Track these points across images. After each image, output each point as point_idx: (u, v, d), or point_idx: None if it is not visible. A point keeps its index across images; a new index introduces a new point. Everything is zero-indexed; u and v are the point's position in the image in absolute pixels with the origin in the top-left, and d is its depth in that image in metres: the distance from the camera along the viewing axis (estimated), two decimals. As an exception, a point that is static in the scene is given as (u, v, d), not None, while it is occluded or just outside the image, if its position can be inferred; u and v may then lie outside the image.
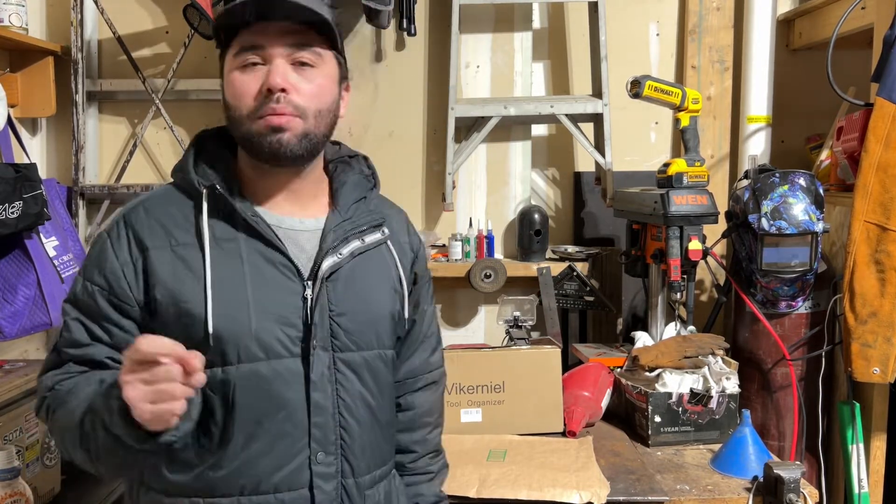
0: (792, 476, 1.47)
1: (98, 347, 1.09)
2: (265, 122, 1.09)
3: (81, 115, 2.33)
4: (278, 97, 1.08)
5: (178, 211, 1.13)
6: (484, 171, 2.47)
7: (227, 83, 1.13)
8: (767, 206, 1.89)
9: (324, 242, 1.15)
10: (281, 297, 1.10)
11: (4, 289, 1.91)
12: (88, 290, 1.10)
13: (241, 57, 1.11)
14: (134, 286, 1.09)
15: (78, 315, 1.10)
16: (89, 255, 1.13)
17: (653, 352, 1.90)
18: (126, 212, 1.14)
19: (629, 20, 2.47)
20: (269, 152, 1.10)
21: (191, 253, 1.10)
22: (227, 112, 1.13)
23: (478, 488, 1.51)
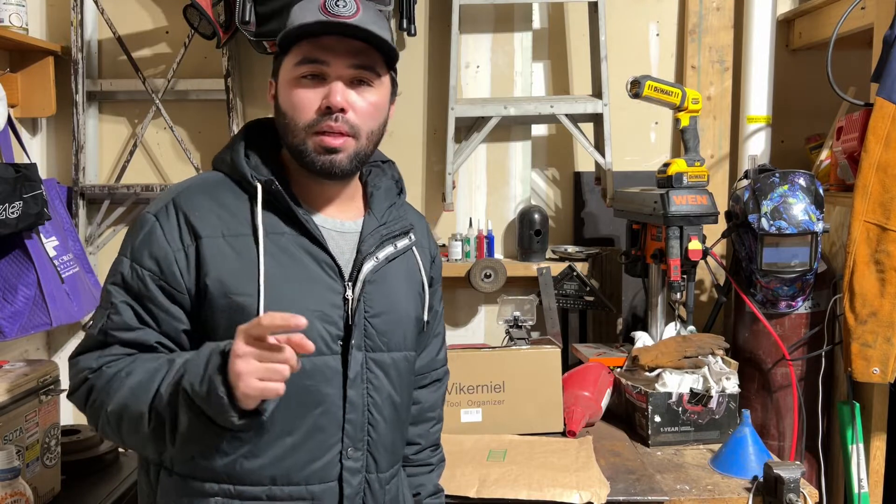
0: (792, 476, 1.47)
1: (148, 332, 1.09)
2: (321, 140, 1.12)
3: (81, 115, 2.33)
4: (337, 116, 1.11)
5: (231, 200, 1.14)
6: (484, 171, 2.47)
7: (285, 90, 1.14)
8: (767, 206, 1.89)
9: (363, 245, 1.18)
10: (325, 295, 1.13)
11: (4, 289, 1.91)
12: (138, 273, 1.09)
13: (303, 67, 1.12)
14: (185, 273, 1.09)
15: (126, 298, 1.09)
16: (135, 236, 1.11)
17: (653, 352, 1.90)
18: (176, 195, 1.13)
19: (629, 20, 2.47)
20: (321, 170, 1.13)
21: (244, 245, 1.11)
22: (282, 119, 1.15)
23: (478, 488, 1.51)
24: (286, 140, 1.15)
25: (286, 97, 1.14)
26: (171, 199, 1.13)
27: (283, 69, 1.15)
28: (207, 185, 1.16)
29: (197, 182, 1.17)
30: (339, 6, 1.10)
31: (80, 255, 2.25)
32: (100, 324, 1.09)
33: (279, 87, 1.16)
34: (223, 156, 1.20)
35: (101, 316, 1.10)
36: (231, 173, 1.17)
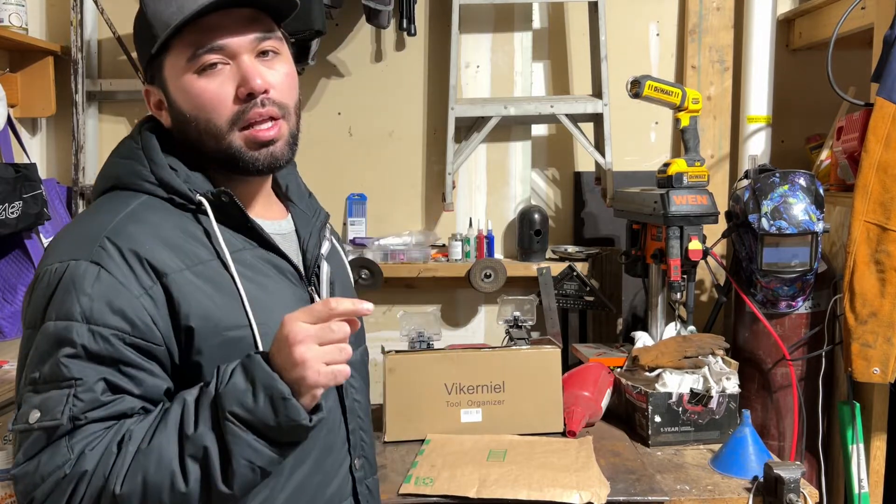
0: (792, 476, 1.47)
1: (126, 399, 0.89)
2: (252, 134, 0.98)
3: (81, 115, 2.33)
4: (262, 100, 0.97)
5: (176, 224, 0.96)
6: (484, 171, 2.46)
7: (183, 93, 0.97)
8: (767, 206, 1.89)
9: (308, 245, 1.09)
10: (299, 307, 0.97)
11: (4, 289, 1.91)
12: (102, 335, 0.87)
13: (197, 60, 0.96)
14: (158, 320, 0.90)
15: (93, 368, 0.87)
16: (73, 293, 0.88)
17: (653, 352, 1.90)
18: (110, 234, 0.92)
19: (629, 20, 2.46)
20: (263, 167, 1.00)
21: (214, 272, 0.95)
22: (188, 126, 0.98)
23: (478, 488, 1.51)
24: (205, 147, 0.99)
25: (188, 99, 0.97)
26: (102, 238, 0.91)
27: (169, 71, 0.98)
28: (141, 213, 0.95)
29: (127, 213, 0.95)
30: None
31: (80, 255, 2.24)
32: (61, 409, 0.85)
33: (171, 92, 0.99)
34: (132, 171, 0.99)
35: (60, 400, 0.86)
36: (156, 191, 0.98)
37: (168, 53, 0.98)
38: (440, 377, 1.79)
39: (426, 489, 1.52)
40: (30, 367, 0.89)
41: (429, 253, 2.37)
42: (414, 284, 2.44)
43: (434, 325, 2.05)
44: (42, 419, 0.86)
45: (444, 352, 1.86)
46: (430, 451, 1.69)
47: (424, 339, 2.00)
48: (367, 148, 2.46)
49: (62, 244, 0.94)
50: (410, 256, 2.34)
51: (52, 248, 0.95)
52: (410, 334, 2.03)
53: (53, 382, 0.87)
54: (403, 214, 2.48)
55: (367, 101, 2.44)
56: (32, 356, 0.89)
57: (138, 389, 0.90)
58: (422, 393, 1.79)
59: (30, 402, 0.87)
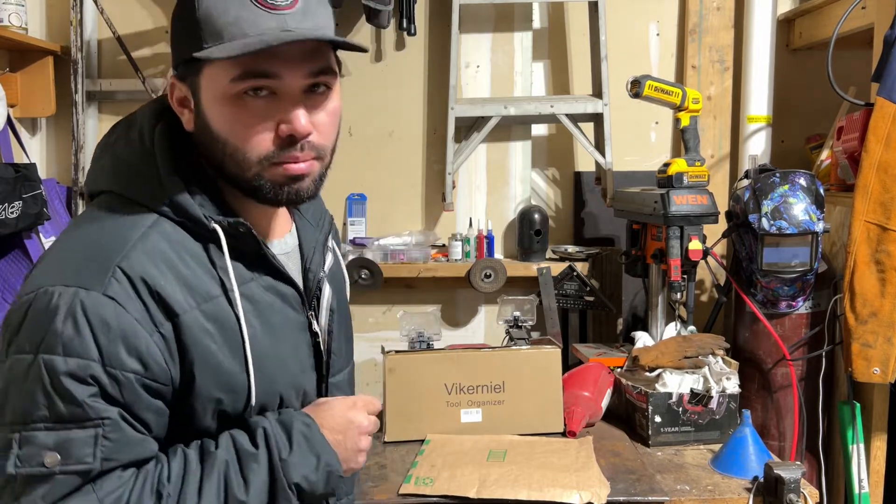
0: (792, 476, 1.47)
1: (148, 441, 0.86)
2: (283, 170, 0.91)
3: (81, 115, 2.32)
4: (302, 144, 0.90)
5: (187, 252, 0.90)
6: (484, 171, 2.46)
7: (218, 110, 0.89)
8: (768, 205, 1.89)
9: (311, 264, 1.04)
10: (298, 336, 1.01)
11: (4, 289, 1.91)
12: (119, 378, 0.82)
13: (242, 83, 0.87)
14: (169, 362, 0.86)
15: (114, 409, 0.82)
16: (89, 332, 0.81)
17: (653, 352, 1.90)
18: (122, 264, 0.84)
19: (629, 20, 2.46)
20: (283, 202, 0.94)
21: (219, 310, 0.90)
22: (215, 144, 0.90)
23: (478, 488, 1.50)
24: (227, 170, 0.92)
25: (223, 120, 0.89)
26: (114, 267, 0.84)
27: (207, 80, 0.89)
28: (155, 240, 0.88)
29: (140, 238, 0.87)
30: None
31: (80, 255, 2.24)
32: (90, 451, 0.80)
33: (204, 103, 0.90)
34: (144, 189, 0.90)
35: (87, 441, 0.80)
36: (170, 213, 0.90)
37: (209, 64, 0.88)
38: (440, 377, 1.79)
39: (426, 489, 1.52)
40: (28, 403, 0.80)
41: (429, 253, 2.37)
42: (414, 284, 2.43)
43: (434, 325, 2.05)
44: (66, 463, 0.80)
45: (444, 352, 1.86)
46: (430, 451, 1.69)
47: (424, 339, 2.00)
48: (367, 148, 2.46)
49: (65, 263, 0.86)
50: (410, 256, 2.34)
51: (51, 265, 0.87)
52: (410, 334, 2.03)
53: (74, 422, 0.80)
54: (403, 214, 2.48)
55: (367, 101, 2.44)
56: (30, 390, 0.80)
57: (152, 431, 0.87)
58: (422, 393, 1.79)
59: (36, 441, 0.79)
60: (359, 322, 2.38)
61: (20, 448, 0.80)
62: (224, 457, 0.88)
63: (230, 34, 0.86)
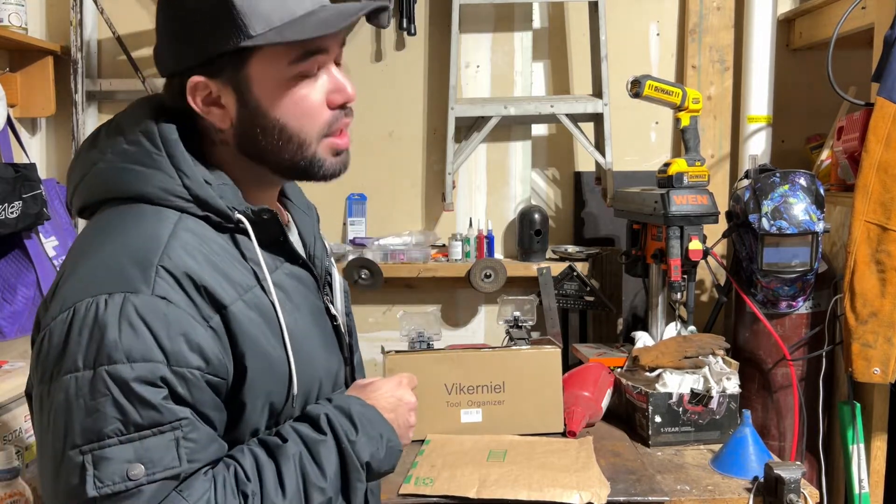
0: (792, 476, 1.47)
1: (220, 440, 0.86)
2: (331, 143, 0.93)
3: (81, 115, 2.32)
4: (348, 110, 0.94)
5: (220, 248, 0.89)
6: (484, 171, 2.46)
7: (278, 97, 0.89)
8: (768, 205, 1.89)
9: (315, 249, 1.06)
10: (321, 321, 1.02)
11: (4, 289, 1.91)
12: (186, 376, 0.80)
13: (304, 64, 0.89)
14: (224, 355, 0.85)
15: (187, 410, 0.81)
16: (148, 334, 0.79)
17: (653, 352, 1.90)
18: (164, 262, 0.83)
19: (629, 20, 2.46)
20: (334, 174, 0.95)
21: (258, 300, 0.89)
22: (276, 135, 0.90)
23: (478, 489, 1.50)
24: (280, 156, 0.92)
25: (284, 104, 0.89)
26: (156, 266, 0.82)
27: (259, 68, 0.88)
28: (187, 235, 0.86)
29: (173, 233, 0.85)
30: None
31: (80, 255, 2.24)
32: (174, 455, 0.79)
33: (257, 92, 0.89)
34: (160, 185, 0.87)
35: (168, 445, 0.79)
36: (189, 208, 0.88)
37: (259, 51, 0.87)
38: (440, 377, 1.79)
39: (426, 489, 1.52)
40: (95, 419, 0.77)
41: (429, 253, 2.37)
42: (414, 284, 2.43)
43: (434, 325, 2.05)
44: (152, 472, 0.77)
45: (444, 352, 1.86)
46: (430, 451, 1.69)
47: (424, 339, 2.00)
48: (367, 148, 2.46)
49: (101, 272, 0.82)
50: (410, 256, 2.34)
51: (85, 276, 0.82)
52: (410, 334, 2.03)
53: (151, 427, 0.78)
54: (403, 214, 2.48)
55: (367, 101, 2.44)
56: (97, 406, 0.77)
57: (217, 429, 0.86)
58: (422, 393, 1.76)
59: (115, 457, 0.76)
60: (359, 322, 2.36)
61: (96, 468, 0.76)
62: (294, 448, 0.88)
63: (280, 16, 0.86)
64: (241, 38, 0.85)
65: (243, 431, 0.90)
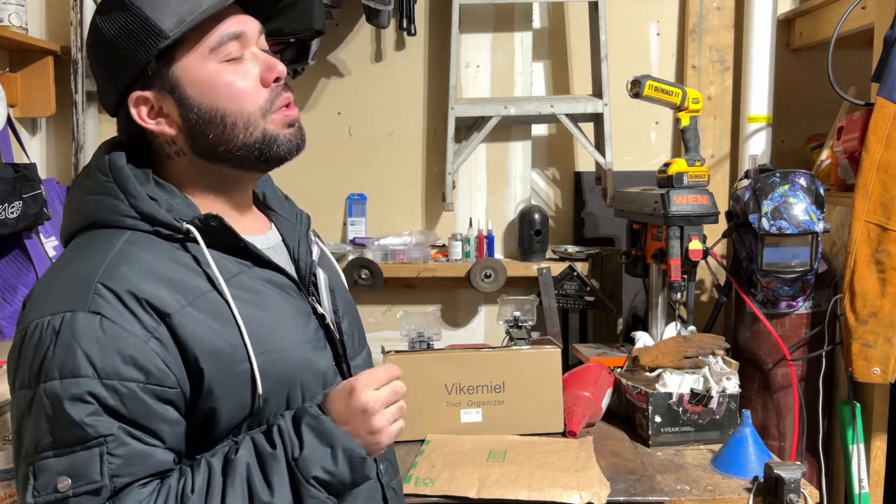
0: (792, 476, 1.47)
1: (159, 451, 0.86)
2: (282, 115, 0.97)
3: (81, 115, 2.32)
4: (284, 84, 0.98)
5: (168, 257, 0.91)
6: (484, 171, 2.46)
7: (209, 85, 0.93)
8: (768, 205, 1.89)
9: (299, 254, 1.06)
10: (305, 322, 1.01)
11: (4, 289, 1.91)
12: (120, 389, 0.82)
13: (222, 50, 0.93)
14: (170, 363, 0.86)
15: (117, 425, 0.83)
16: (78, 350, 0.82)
17: (653, 352, 1.90)
18: (103, 279, 0.86)
19: (629, 20, 2.46)
20: (291, 152, 0.98)
21: (212, 302, 0.91)
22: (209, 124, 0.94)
23: (478, 489, 1.50)
24: (230, 144, 0.95)
25: (216, 92, 0.93)
26: (94, 284, 0.85)
27: (183, 67, 0.93)
28: (130, 252, 0.89)
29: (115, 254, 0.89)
30: None
31: (80, 255, 2.24)
32: (97, 470, 0.81)
33: (188, 90, 0.93)
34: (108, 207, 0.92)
35: (93, 461, 0.81)
36: (138, 225, 0.91)
37: (180, 49, 0.92)
38: (440, 377, 1.79)
39: (426, 489, 1.52)
40: (36, 433, 0.82)
41: (429, 253, 2.37)
42: (414, 284, 2.43)
43: (434, 325, 2.05)
44: (77, 485, 0.81)
45: (445, 352, 1.86)
46: (430, 451, 1.69)
47: (424, 339, 2.00)
48: (367, 148, 2.46)
49: (49, 294, 0.87)
50: (410, 256, 2.34)
51: (38, 299, 0.88)
52: (410, 334, 2.03)
53: (78, 443, 0.81)
54: (403, 214, 2.48)
55: (367, 101, 2.44)
56: (37, 421, 0.82)
57: (165, 441, 0.87)
58: (422, 393, 1.79)
59: (49, 470, 0.81)
60: (359, 322, 2.38)
61: (35, 479, 0.82)
62: (245, 460, 0.88)
63: (190, 10, 0.91)
64: (159, 40, 0.91)
65: (220, 433, 0.92)
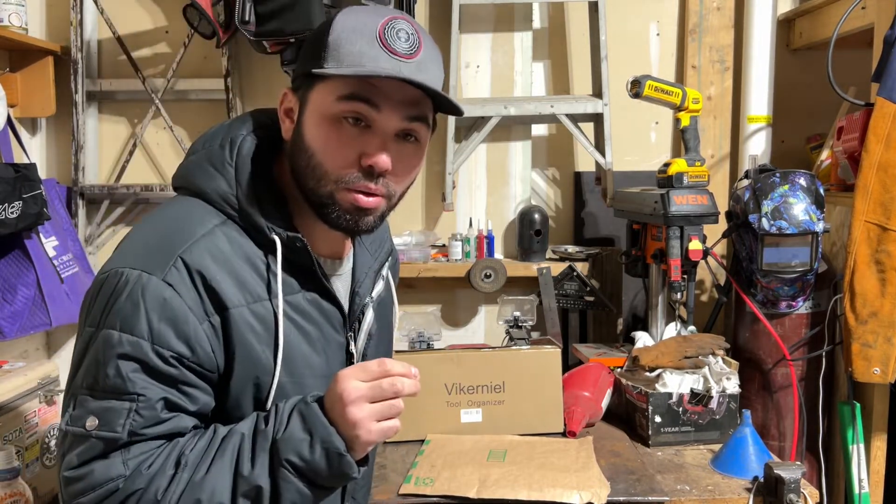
0: (792, 476, 1.47)
1: (182, 418, 0.92)
2: (353, 198, 0.97)
3: (81, 115, 2.33)
4: (379, 179, 0.97)
5: (246, 255, 0.97)
6: (484, 171, 2.46)
7: (317, 125, 0.97)
8: (768, 206, 1.89)
9: (359, 288, 1.09)
10: (335, 354, 1.05)
11: (4, 289, 1.91)
12: (165, 357, 0.89)
13: (347, 104, 0.95)
14: (216, 350, 0.94)
15: (154, 386, 0.90)
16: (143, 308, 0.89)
17: (653, 352, 1.90)
18: (186, 255, 0.92)
19: (629, 20, 2.46)
20: (344, 227, 1.00)
21: (264, 311, 0.97)
22: (304, 155, 0.98)
23: (478, 489, 1.51)
24: (305, 181, 0.98)
25: (318, 134, 0.96)
26: (176, 257, 0.92)
27: (317, 95, 0.97)
28: (219, 240, 0.96)
29: (206, 235, 0.96)
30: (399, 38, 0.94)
31: (80, 256, 2.25)
32: (121, 423, 0.88)
33: (307, 115, 0.98)
34: (218, 191, 0.99)
35: (122, 413, 0.88)
36: (237, 218, 0.99)
37: (324, 81, 0.97)
38: (440, 377, 1.79)
39: (426, 489, 1.52)
40: (88, 370, 0.90)
41: (429, 253, 2.37)
42: (414, 284, 2.43)
43: (434, 325, 2.05)
44: (101, 428, 0.88)
45: (444, 352, 1.86)
46: (430, 451, 1.69)
47: (424, 339, 2.01)
48: (367, 148, 2.45)
49: (136, 248, 0.95)
50: (410, 256, 2.34)
51: (126, 249, 0.96)
52: (410, 334, 2.03)
53: (114, 393, 0.88)
54: (403, 214, 2.48)
55: (367, 101, 2.44)
56: (91, 359, 0.90)
57: (193, 407, 0.93)
58: (422, 393, 1.77)
59: (86, 406, 0.89)
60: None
61: (73, 409, 0.90)
62: (242, 431, 0.92)
63: (349, 62, 0.94)
64: (315, 65, 0.96)
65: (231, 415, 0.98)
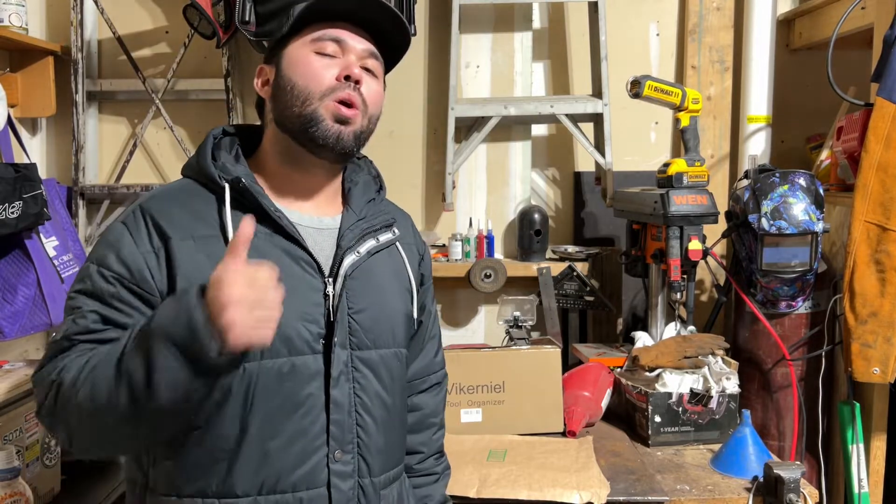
0: (792, 476, 1.47)
1: (113, 330, 1.05)
2: (335, 107, 1.12)
3: (81, 115, 2.33)
4: (354, 86, 1.13)
5: (200, 204, 1.12)
6: (484, 171, 2.47)
7: (296, 64, 1.14)
8: (767, 206, 1.89)
9: (342, 240, 1.16)
10: (304, 293, 1.10)
11: (4, 289, 1.91)
12: (105, 276, 1.06)
13: (320, 43, 1.15)
14: (157, 275, 1.06)
15: (93, 302, 1.05)
16: (102, 243, 1.10)
17: (653, 352, 1.90)
18: (143, 202, 1.12)
19: (629, 20, 2.47)
20: (327, 139, 1.13)
21: (214, 245, 1.08)
22: (286, 93, 1.14)
23: (478, 488, 1.51)
24: (289, 112, 1.14)
25: (299, 69, 1.14)
26: (138, 206, 1.11)
27: (291, 47, 1.16)
28: (175, 191, 1.14)
29: (165, 188, 1.16)
30: None
31: (80, 255, 2.25)
32: (64, 329, 1.05)
33: (285, 64, 1.16)
34: (190, 161, 1.19)
35: (66, 322, 1.06)
36: (198, 177, 1.15)
37: (297, 35, 1.16)
38: (440, 377, 1.79)
39: (426, 489, 1.52)
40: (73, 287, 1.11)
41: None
42: (414, 284, 2.43)
43: (434, 325, 2.05)
44: (55, 337, 1.06)
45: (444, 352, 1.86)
46: (430, 451, 1.69)
47: (424, 339, 2.00)
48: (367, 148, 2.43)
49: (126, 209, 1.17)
50: (410, 256, 2.34)
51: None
52: (410, 334, 2.02)
53: (68, 308, 1.08)
54: (403, 214, 2.48)
55: (367, 101, 2.44)
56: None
57: (127, 321, 1.05)
58: (422, 393, 1.78)
59: (63, 322, 1.08)
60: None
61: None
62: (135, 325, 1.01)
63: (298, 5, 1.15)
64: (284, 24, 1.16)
65: None
